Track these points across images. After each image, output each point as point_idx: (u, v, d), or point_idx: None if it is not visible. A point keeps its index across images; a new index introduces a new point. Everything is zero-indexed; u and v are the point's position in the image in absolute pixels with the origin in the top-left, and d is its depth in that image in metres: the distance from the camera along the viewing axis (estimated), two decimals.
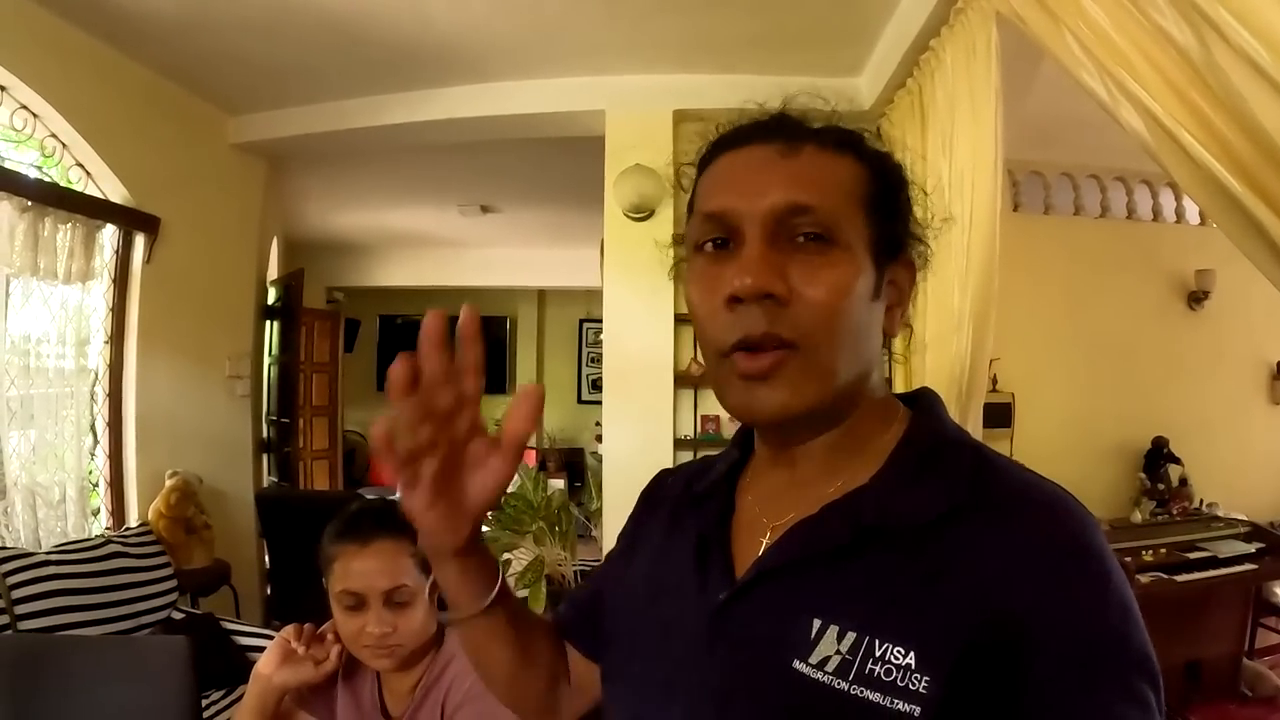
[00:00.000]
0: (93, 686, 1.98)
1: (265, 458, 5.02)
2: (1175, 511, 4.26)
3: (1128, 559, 3.61)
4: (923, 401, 0.81)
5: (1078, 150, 4.24)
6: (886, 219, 0.75)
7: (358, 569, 1.35)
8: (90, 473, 3.73)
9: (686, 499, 0.89)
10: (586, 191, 3.89)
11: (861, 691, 0.63)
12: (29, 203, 3.22)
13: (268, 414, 5.07)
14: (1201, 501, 4.36)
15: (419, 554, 1.38)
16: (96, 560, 3.17)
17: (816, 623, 0.67)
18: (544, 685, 0.97)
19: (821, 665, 0.65)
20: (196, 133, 4.14)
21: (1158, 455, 4.37)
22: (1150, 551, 3.80)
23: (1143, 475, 4.37)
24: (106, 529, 3.68)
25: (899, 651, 0.62)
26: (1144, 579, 3.57)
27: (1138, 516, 4.21)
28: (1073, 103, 3.46)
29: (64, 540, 3.31)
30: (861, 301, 0.71)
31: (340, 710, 1.47)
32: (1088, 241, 4.42)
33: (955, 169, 2.45)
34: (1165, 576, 3.64)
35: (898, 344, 0.84)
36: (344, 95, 4.01)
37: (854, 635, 0.65)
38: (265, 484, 4.95)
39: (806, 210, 0.70)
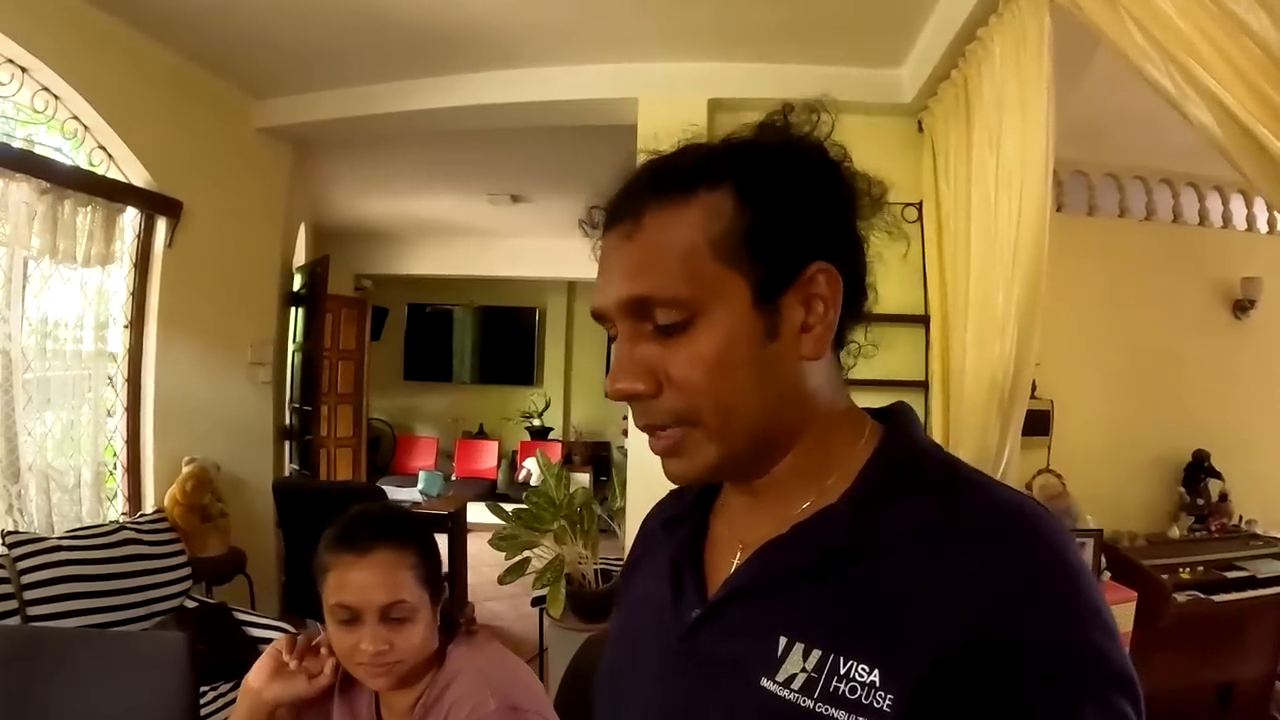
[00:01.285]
0: (91, 679, 1.95)
1: (287, 445, 4.99)
2: (1214, 528, 4.12)
3: (1164, 576, 3.49)
4: (895, 417, 0.80)
5: (1122, 150, 4.11)
6: (772, 243, 0.70)
7: (354, 581, 1.26)
8: (110, 454, 3.70)
9: (661, 527, 0.92)
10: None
11: (826, 709, 0.63)
12: (48, 184, 3.18)
13: (291, 401, 5.03)
14: (1241, 518, 4.21)
15: (420, 567, 1.30)
16: (109, 546, 3.14)
17: (783, 641, 0.68)
18: None
19: (788, 683, 0.66)
20: (221, 116, 4.10)
21: (1198, 469, 4.22)
22: (1188, 569, 3.67)
23: (1182, 489, 4.22)
24: (122, 514, 3.65)
25: (864, 669, 0.63)
26: (1181, 598, 3.44)
27: (1175, 532, 4.07)
28: (1119, 99, 3.37)
29: (77, 525, 3.28)
30: (742, 359, 0.70)
31: None
32: (1132, 245, 4.26)
33: (1003, 166, 2.34)
34: (1202, 596, 3.51)
35: (860, 336, 0.82)
36: (372, 80, 3.96)
37: (819, 653, 0.65)
38: (287, 472, 4.91)
39: (647, 299, 0.70)
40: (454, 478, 8.64)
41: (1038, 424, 3.78)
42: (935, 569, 0.63)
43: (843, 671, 0.63)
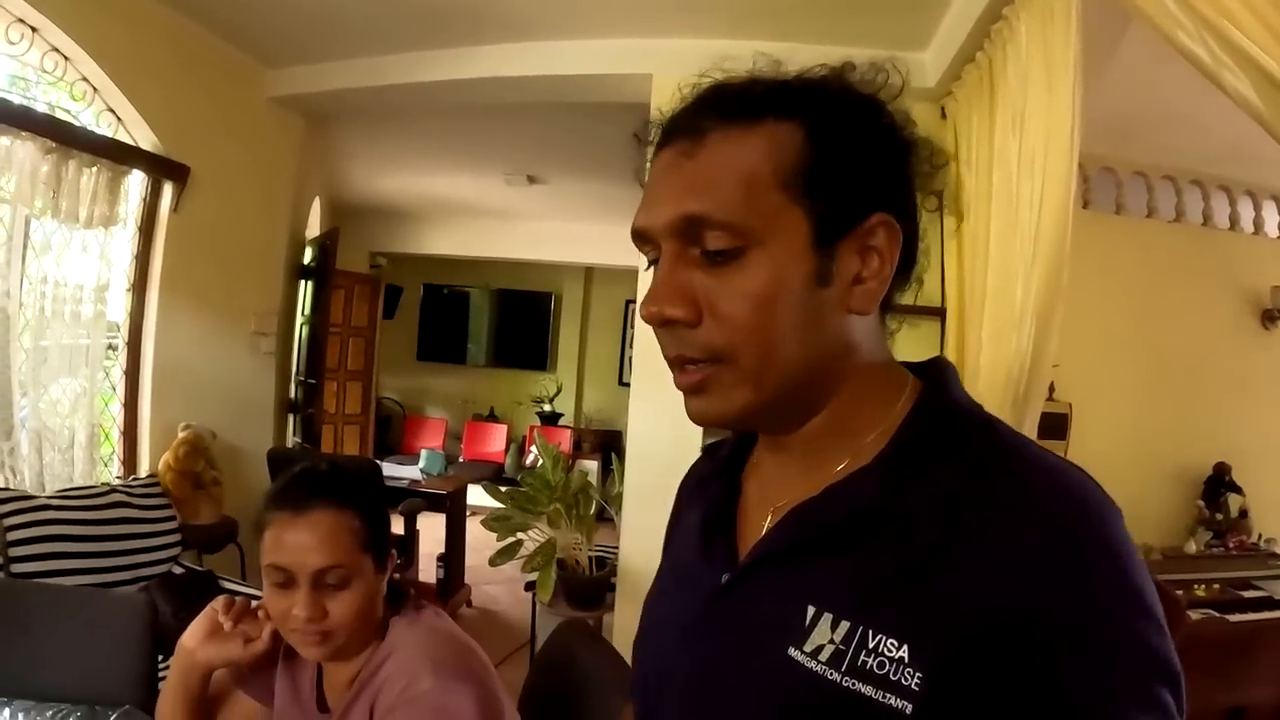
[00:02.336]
0: (53, 633, 1.93)
1: (291, 418, 4.95)
2: (1232, 545, 4.00)
3: (1179, 592, 3.38)
4: (932, 372, 0.76)
5: (1152, 149, 3.99)
6: (837, 185, 0.67)
7: (289, 541, 1.17)
8: (107, 418, 3.67)
9: (695, 483, 0.90)
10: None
11: (854, 684, 0.61)
12: (54, 144, 3.15)
13: (296, 374, 4.98)
14: (1260, 536, 4.09)
15: (362, 531, 1.21)
16: (99, 508, 3.10)
17: (811, 609, 0.65)
18: None
19: (815, 654, 0.63)
20: (232, 83, 4.04)
21: (1219, 483, 4.09)
22: (1203, 586, 3.57)
23: (1201, 503, 4.10)
24: (116, 478, 3.60)
25: (892, 644, 0.60)
26: (1194, 615, 3.34)
27: (1192, 547, 3.95)
28: (1149, 96, 3.27)
29: (69, 486, 3.25)
30: (790, 299, 0.67)
31: (277, 695, 1.32)
32: (1159, 247, 4.13)
33: (1025, 149, 2.23)
34: (1217, 615, 3.40)
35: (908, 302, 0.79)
36: (384, 50, 3.89)
37: (848, 625, 0.63)
38: (289, 444, 4.87)
39: (703, 220, 0.66)
40: (461, 459, 8.61)
41: (1054, 427, 3.66)
42: (968, 540, 0.60)
43: (871, 645, 0.61)
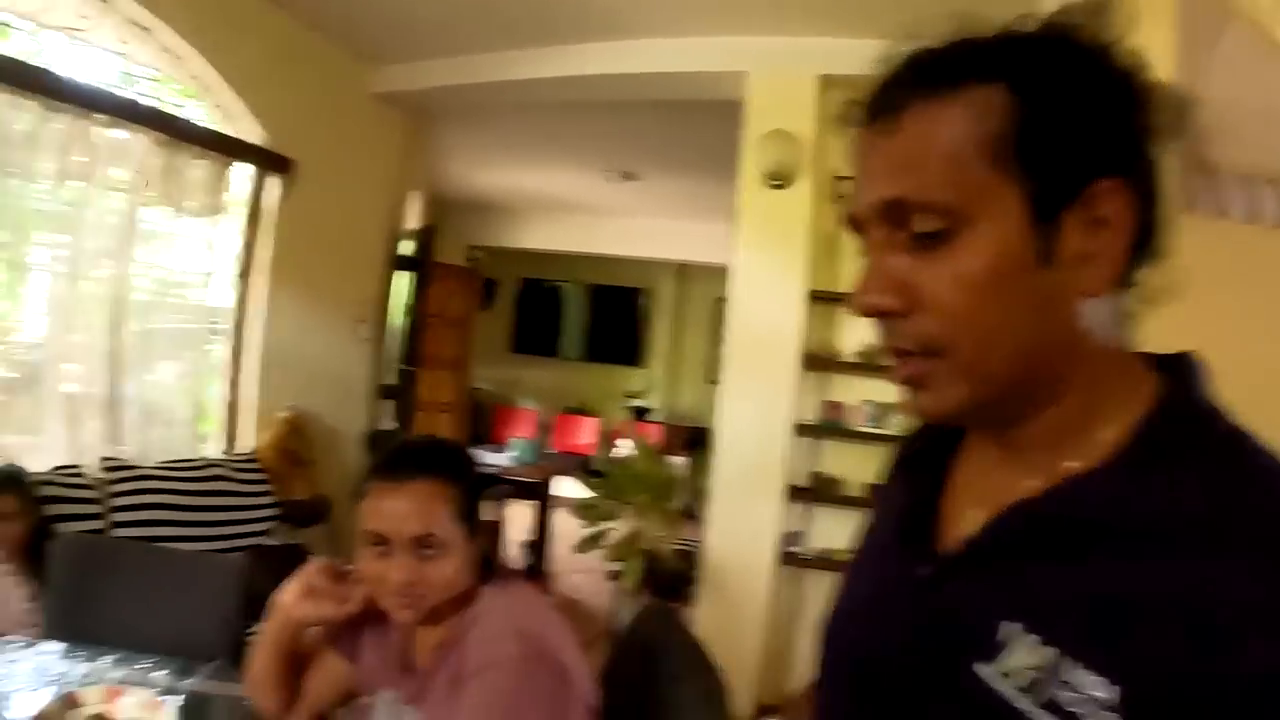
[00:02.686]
0: (156, 592, 2.05)
1: (386, 404, 5.10)
2: None
3: None
4: (1178, 369, 0.64)
5: (1260, 150, 3.78)
6: (1053, 151, 0.58)
7: (387, 509, 1.24)
8: (205, 394, 3.87)
9: (903, 462, 0.82)
10: (730, 163, 3.71)
11: (1041, 717, 0.54)
12: (165, 137, 3.34)
13: (393, 361, 5.14)
14: None
15: (457, 501, 1.27)
16: (198, 480, 3.31)
17: (1008, 625, 0.58)
18: None
19: (1005, 675, 0.57)
20: (335, 81, 4.22)
21: None
22: None
23: None
24: (223, 453, 3.79)
25: (1092, 679, 0.52)
26: None
27: None
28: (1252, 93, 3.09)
29: (171, 458, 3.43)
30: (1007, 283, 0.59)
31: (366, 654, 1.40)
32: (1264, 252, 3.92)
33: None
34: None
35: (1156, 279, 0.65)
36: (482, 49, 4.00)
37: (1045, 649, 0.56)
38: (385, 429, 5.02)
39: (903, 203, 0.60)
40: (551, 450, 8.70)
41: None
42: (1202, 576, 0.51)
43: (1067, 677, 0.54)
